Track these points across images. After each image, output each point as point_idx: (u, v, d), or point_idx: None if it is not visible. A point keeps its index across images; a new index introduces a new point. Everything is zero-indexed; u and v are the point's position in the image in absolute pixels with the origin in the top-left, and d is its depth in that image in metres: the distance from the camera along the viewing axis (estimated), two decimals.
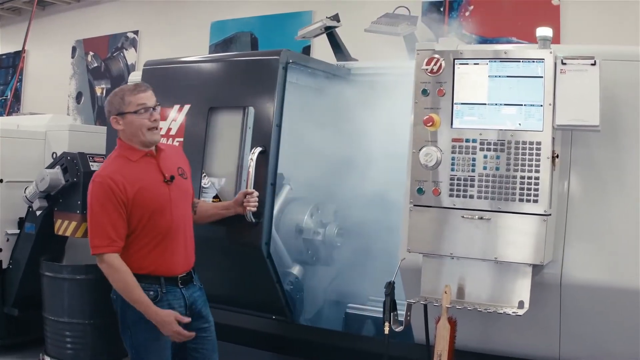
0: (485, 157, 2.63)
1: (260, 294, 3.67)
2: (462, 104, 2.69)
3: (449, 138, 2.69)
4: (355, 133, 3.67)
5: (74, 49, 9.57)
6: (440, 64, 2.70)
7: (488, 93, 2.65)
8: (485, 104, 2.66)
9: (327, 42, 4.57)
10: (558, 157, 2.62)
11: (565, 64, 2.56)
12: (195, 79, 3.85)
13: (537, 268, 2.66)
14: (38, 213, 4.76)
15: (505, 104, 2.63)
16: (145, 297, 2.90)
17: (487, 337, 2.96)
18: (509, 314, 2.59)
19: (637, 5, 5.13)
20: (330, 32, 4.44)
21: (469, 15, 6.21)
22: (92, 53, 9.37)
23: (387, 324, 2.70)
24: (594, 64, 2.53)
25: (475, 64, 2.68)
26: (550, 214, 2.60)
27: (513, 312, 2.59)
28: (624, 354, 2.79)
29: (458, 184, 2.67)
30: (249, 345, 3.86)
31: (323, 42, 4.69)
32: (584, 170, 2.82)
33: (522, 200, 2.58)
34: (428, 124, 2.69)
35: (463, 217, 2.66)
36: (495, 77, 2.65)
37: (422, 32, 5.95)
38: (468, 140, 2.66)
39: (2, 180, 4.98)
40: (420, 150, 2.71)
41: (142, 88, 3.03)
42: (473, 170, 2.65)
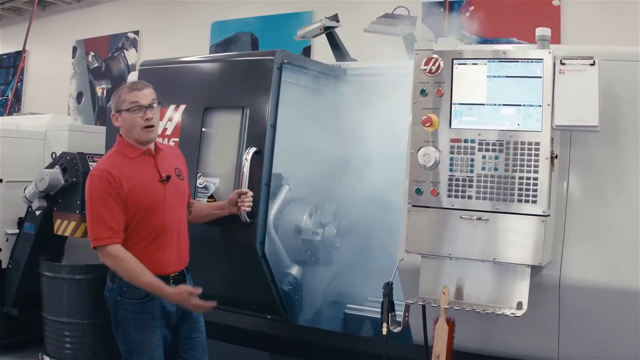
0: (484, 157, 2.61)
1: (255, 294, 3.67)
2: (460, 104, 2.67)
3: (448, 138, 2.67)
4: (354, 133, 3.66)
5: (75, 49, 9.57)
6: (439, 64, 2.69)
7: (487, 93, 2.63)
8: (484, 104, 2.64)
9: (327, 42, 4.57)
10: (557, 157, 2.61)
11: (564, 64, 2.54)
12: (191, 79, 3.85)
13: (535, 269, 2.64)
14: (37, 213, 4.76)
15: (504, 104, 2.61)
16: (156, 279, 2.93)
17: (485, 338, 2.94)
18: (508, 315, 2.58)
19: (637, 6, 5.12)
20: (330, 32, 4.44)
21: (470, 16, 6.20)
22: (92, 53, 9.37)
23: (385, 325, 2.70)
24: (593, 64, 2.51)
25: (474, 64, 2.66)
26: (549, 215, 2.58)
27: (511, 313, 2.58)
28: (624, 355, 2.78)
29: (457, 185, 2.65)
30: (245, 345, 3.85)
31: (324, 42, 4.69)
32: (583, 171, 2.81)
33: (520, 201, 2.56)
34: (426, 124, 2.67)
35: (461, 217, 2.64)
36: (494, 77, 2.63)
37: (422, 32, 5.94)
38: (467, 141, 2.64)
39: (1, 180, 4.98)
40: (419, 151, 2.69)
41: (138, 86, 3.05)
42: (472, 171, 2.63)
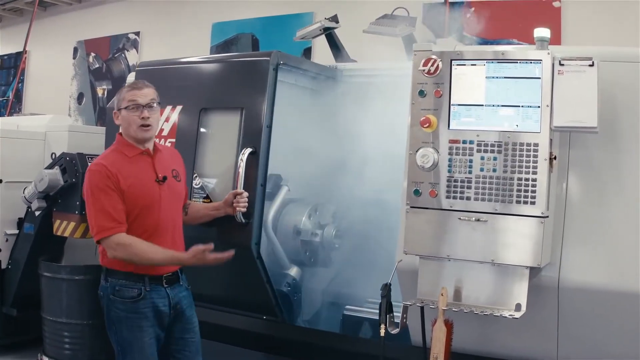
0: (483, 158, 2.61)
1: (251, 294, 3.67)
2: (459, 105, 2.66)
3: (446, 139, 2.66)
4: (353, 135, 3.66)
5: (76, 50, 9.59)
6: (438, 65, 2.68)
7: (485, 94, 2.63)
8: (483, 105, 2.63)
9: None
10: (556, 158, 2.60)
11: (563, 65, 2.53)
12: (187, 80, 3.86)
13: (534, 270, 2.64)
14: (37, 213, 4.75)
15: (503, 105, 2.60)
16: (169, 251, 2.99)
17: (484, 339, 2.94)
18: (506, 317, 2.57)
19: (637, 7, 5.12)
20: (329, 33, 4.43)
21: (470, 17, 6.20)
22: (93, 54, 9.38)
23: (382, 326, 2.69)
24: (592, 65, 2.50)
25: (473, 65, 2.65)
26: (548, 216, 2.58)
27: (510, 314, 2.57)
28: (623, 357, 2.77)
29: (455, 186, 2.65)
30: (241, 346, 3.84)
31: (324, 43, 4.68)
32: (583, 172, 2.80)
33: (519, 202, 2.55)
34: (425, 125, 2.67)
35: (460, 219, 2.63)
36: (493, 78, 2.62)
37: (422, 33, 5.93)
38: (465, 142, 2.64)
39: (1, 181, 4.98)
40: (417, 152, 2.68)
41: (138, 85, 3.08)
42: (470, 172, 2.62)
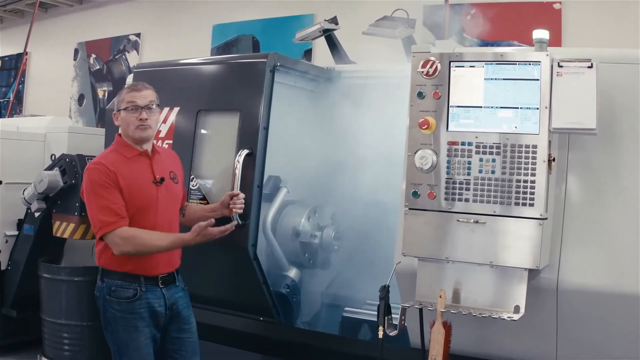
0: (481, 160, 2.60)
1: (248, 296, 3.68)
2: (457, 107, 2.65)
3: (445, 141, 2.66)
4: (352, 136, 3.65)
5: (76, 51, 9.60)
6: (436, 67, 2.67)
7: (484, 96, 2.62)
8: (481, 107, 2.62)
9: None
10: (554, 160, 2.59)
11: (562, 67, 2.53)
12: (184, 82, 3.86)
13: (533, 272, 2.63)
14: (36, 215, 4.76)
15: (502, 107, 2.60)
16: (172, 235, 3.05)
17: (482, 341, 2.93)
18: (505, 319, 2.57)
19: (637, 8, 5.11)
20: (329, 34, 4.43)
21: (471, 19, 6.19)
22: (94, 55, 9.38)
23: (381, 328, 2.68)
24: (591, 67, 2.50)
25: (471, 67, 2.64)
26: (547, 218, 2.57)
27: (508, 316, 2.56)
28: None
29: (454, 188, 2.64)
30: (238, 347, 3.84)
31: (325, 44, 4.67)
32: (582, 174, 2.79)
33: (518, 204, 2.55)
34: (423, 127, 2.66)
35: (458, 220, 2.63)
36: (492, 79, 2.61)
37: (423, 35, 5.93)
38: (464, 144, 2.63)
39: (1, 182, 4.98)
40: (416, 154, 2.68)
41: (137, 87, 3.11)
42: (469, 174, 2.62)
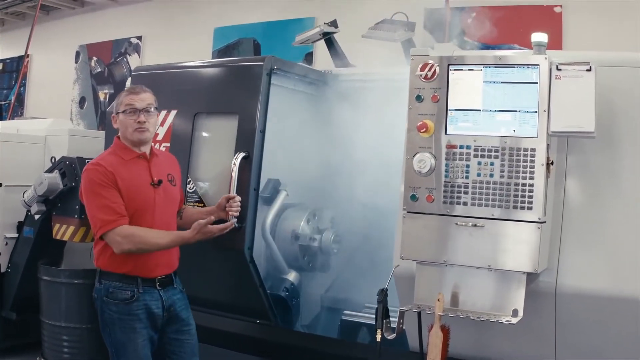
0: (480, 163, 2.60)
1: (244, 298, 3.68)
2: (456, 110, 2.65)
3: (443, 144, 2.65)
4: (351, 139, 3.65)
5: (78, 54, 9.61)
6: (435, 70, 2.67)
7: (483, 99, 2.62)
8: (480, 110, 2.62)
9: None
10: (553, 163, 2.59)
11: (561, 70, 2.53)
12: (182, 85, 3.88)
13: (531, 276, 2.63)
14: (36, 217, 4.76)
15: (500, 110, 2.60)
16: (173, 232, 3.07)
17: (481, 345, 2.92)
18: (503, 323, 2.56)
19: (637, 11, 5.11)
20: (329, 37, 4.43)
21: (472, 22, 6.19)
22: (95, 58, 9.40)
23: (379, 331, 2.68)
24: (589, 70, 2.50)
25: (470, 70, 2.64)
26: (545, 222, 2.57)
27: (507, 320, 2.56)
28: None
29: (452, 191, 2.64)
30: (235, 349, 3.83)
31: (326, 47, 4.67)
32: (580, 177, 2.79)
33: (516, 208, 2.54)
34: (422, 130, 2.66)
35: (457, 224, 2.62)
36: (490, 83, 2.61)
37: (424, 38, 5.93)
38: (462, 147, 2.63)
39: (1, 184, 4.99)
40: (414, 157, 2.67)
41: (136, 90, 3.12)
42: (467, 177, 2.61)
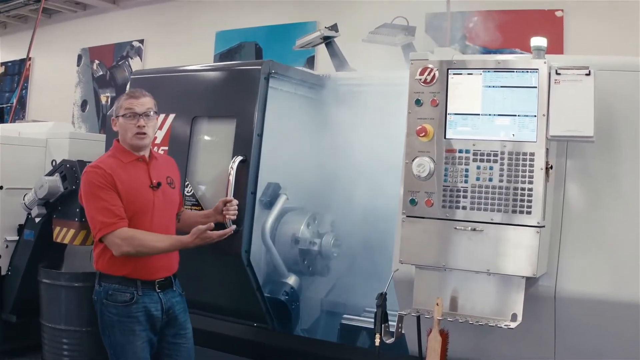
0: (479, 168, 2.60)
1: (241, 302, 3.69)
2: (455, 115, 2.65)
3: (442, 148, 2.65)
4: (351, 143, 3.66)
5: (80, 57, 9.64)
6: (434, 74, 2.67)
7: (482, 103, 2.61)
8: (479, 115, 2.62)
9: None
10: (552, 168, 2.59)
11: (560, 74, 2.53)
12: (180, 89, 3.89)
13: (530, 280, 2.62)
14: (37, 220, 4.77)
15: (499, 115, 2.59)
16: (172, 236, 3.09)
17: (480, 349, 2.91)
18: (502, 327, 2.55)
19: (638, 16, 5.11)
20: (329, 41, 4.44)
21: (473, 27, 6.20)
22: (97, 61, 9.42)
23: (377, 336, 2.67)
24: (589, 74, 2.49)
25: (469, 74, 2.64)
26: (544, 226, 2.56)
27: (506, 325, 2.55)
28: None
29: (451, 195, 2.63)
30: (232, 353, 3.83)
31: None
32: (580, 181, 2.78)
33: (515, 212, 2.54)
34: (421, 135, 2.66)
35: (456, 228, 2.62)
36: (489, 87, 2.61)
37: (425, 43, 5.94)
38: (461, 151, 2.62)
39: (2, 187, 4.99)
40: (413, 161, 2.67)
41: (135, 94, 3.13)
42: (466, 181, 2.61)
